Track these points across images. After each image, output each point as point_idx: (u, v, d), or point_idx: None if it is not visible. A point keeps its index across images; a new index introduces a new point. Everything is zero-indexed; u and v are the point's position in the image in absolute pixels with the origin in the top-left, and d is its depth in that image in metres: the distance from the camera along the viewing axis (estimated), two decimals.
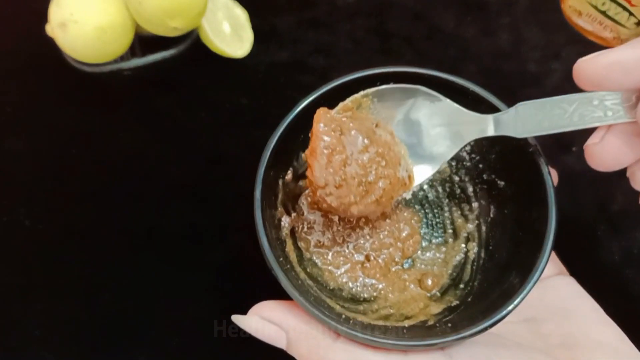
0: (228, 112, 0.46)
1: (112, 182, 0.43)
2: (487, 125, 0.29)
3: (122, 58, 0.46)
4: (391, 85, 0.31)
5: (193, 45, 0.48)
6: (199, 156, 0.44)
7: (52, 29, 0.42)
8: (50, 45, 0.44)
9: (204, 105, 0.46)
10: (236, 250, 0.40)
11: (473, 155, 0.36)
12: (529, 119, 0.27)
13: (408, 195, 0.38)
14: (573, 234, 0.41)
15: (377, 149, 0.30)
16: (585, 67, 0.24)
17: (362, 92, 0.31)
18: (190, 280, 0.39)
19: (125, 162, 0.44)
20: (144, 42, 0.47)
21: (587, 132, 0.27)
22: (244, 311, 0.29)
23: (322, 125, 0.29)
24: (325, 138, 0.29)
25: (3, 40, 0.49)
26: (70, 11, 0.41)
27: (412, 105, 0.31)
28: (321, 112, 0.30)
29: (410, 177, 0.31)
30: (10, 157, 0.44)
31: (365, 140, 0.30)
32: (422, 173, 0.32)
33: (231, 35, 0.48)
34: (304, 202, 0.36)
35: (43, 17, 0.43)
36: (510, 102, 0.30)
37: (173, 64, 0.48)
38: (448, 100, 0.30)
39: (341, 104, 0.31)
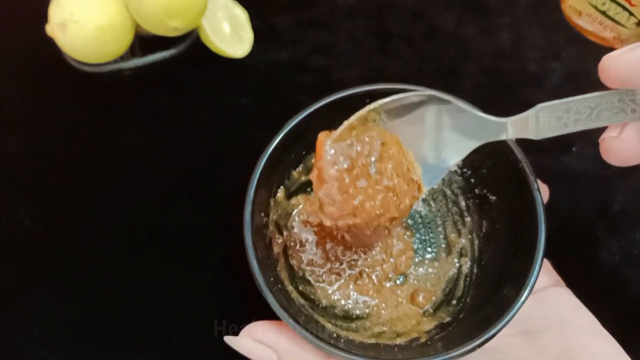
0: (228, 112, 0.46)
1: (112, 182, 0.43)
2: (503, 128, 0.28)
3: (122, 58, 0.46)
4: (401, 96, 0.28)
5: (193, 45, 0.48)
6: (198, 156, 0.44)
7: (52, 29, 0.42)
8: (50, 45, 0.44)
9: (204, 105, 0.46)
10: (236, 251, 0.40)
11: (465, 170, 0.36)
12: (547, 120, 0.26)
13: (418, 207, 0.38)
14: (573, 234, 0.41)
15: (387, 182, 0.28)
16: (613, 63, 0.23)
17: (368, 108, 0.28)
18: (190, 280, 0.39)
19: (125, 162, 0.44)
20: (144, 42, 0.47)
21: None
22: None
23: (331, 162, 0.27)
24: (338, 175, 0.27)
25: (3, 40, 0.49)
26: (70, 11, 0.41)
27: (421, 111, 0.29)
28: (323, 141, 0.27)
29: (419, 187, 0.30)
30: (10, 157, 0.44)
31: (377, 175, 0.28)
32: (431, 178, 0.30)
33: (231, 35, 0.48)
34: (296, 219, 0.36)
35: (43, 17, 0.43)
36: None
37: (173, 64, 0.48)
38: (461, 103, 0.28)
39: (346, 123, 0.28)
